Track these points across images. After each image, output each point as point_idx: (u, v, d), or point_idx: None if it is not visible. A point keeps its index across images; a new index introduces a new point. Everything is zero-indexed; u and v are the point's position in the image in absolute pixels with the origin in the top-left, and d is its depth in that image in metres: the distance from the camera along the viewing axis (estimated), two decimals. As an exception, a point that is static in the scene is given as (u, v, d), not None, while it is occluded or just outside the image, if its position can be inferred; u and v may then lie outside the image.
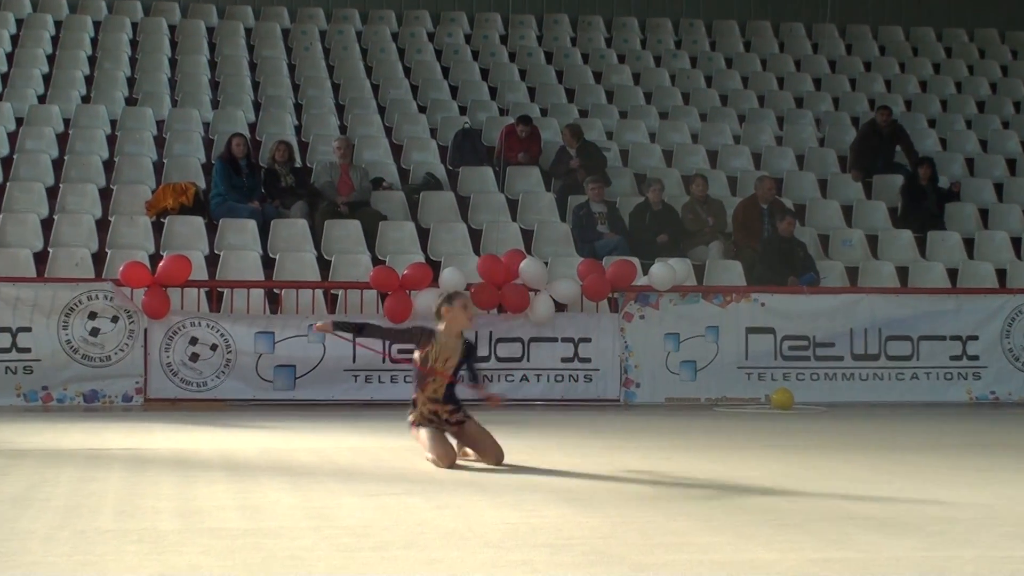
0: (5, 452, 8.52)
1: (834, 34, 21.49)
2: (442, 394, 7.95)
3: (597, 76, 19.61)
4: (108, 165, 15.61)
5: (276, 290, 13.09)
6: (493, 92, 18.75)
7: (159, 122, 16.74)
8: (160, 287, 12.27)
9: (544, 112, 18.09)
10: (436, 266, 13.23)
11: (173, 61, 18.64)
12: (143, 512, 6.04)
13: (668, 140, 17.76)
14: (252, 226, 14.26)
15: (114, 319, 12.23)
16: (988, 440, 9.88)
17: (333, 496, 6.60)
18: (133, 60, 18.57)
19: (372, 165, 15.91)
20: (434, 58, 19.55)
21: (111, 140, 16.25)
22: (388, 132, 17.17)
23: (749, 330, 13.14)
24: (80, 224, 14.23)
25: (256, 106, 17.63)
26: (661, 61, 20.35)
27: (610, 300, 13.17)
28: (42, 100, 17.15)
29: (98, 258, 13.67)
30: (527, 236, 14.89)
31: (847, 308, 13.37)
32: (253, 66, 18.81)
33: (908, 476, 7.58)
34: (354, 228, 14.46)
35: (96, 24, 19.35)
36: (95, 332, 12.19)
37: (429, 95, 18.32)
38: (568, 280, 13.10)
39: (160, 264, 12.55)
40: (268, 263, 13.87)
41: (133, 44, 18.97)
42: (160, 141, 16.30)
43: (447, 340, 7.92)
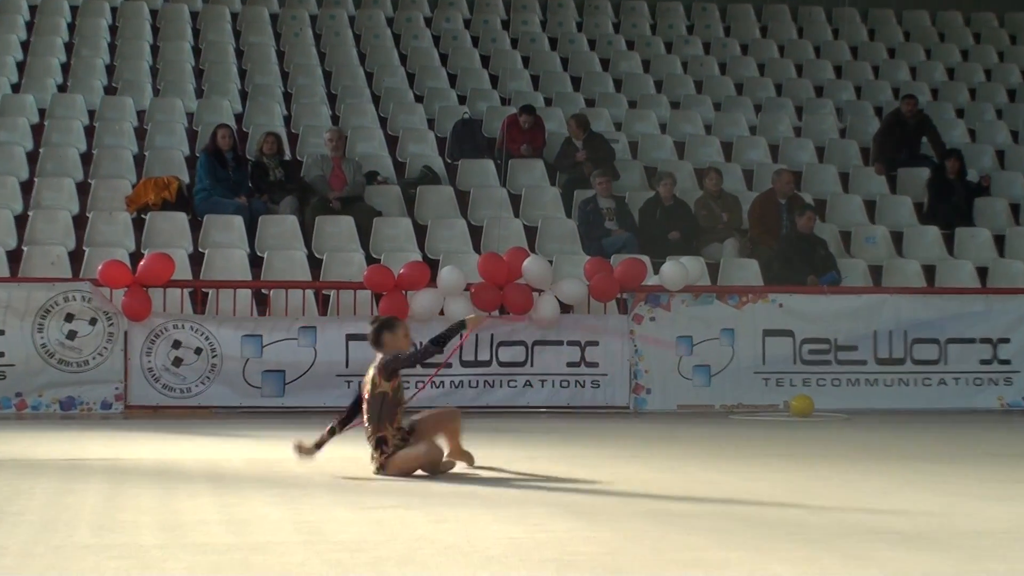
0: (-23, 462, 8.54)
1: (856, 18, 21.49)
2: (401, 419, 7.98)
3: (604, 63, 19.62)
4: (86, 158, 15.63)
5: (264, 290, 13.11)
6: (494, 80, 18.76)
7: (140, 112, 16.75)
8: (141, 287, 12.28)
9: (548, 102, 18.11)
10: (434, 265, 13.24)
11: (155, 48, 18.65)
12: (123, 526, 6.04)
13: (680, 131, 17.77)
14: (239, 223, 14.27)
15: (92, 321, 12.23)
16: (1020, 450, 9.88)
17: (325, 509, 6.60)
18: (112, 46, 18.59)
19: (366, 158, 15.92)
20: (432, 44, 19.56)
21: (89, 132, 16.27)
22: (383, 123, 17.19)
23: (766, 333, 13.14)
24: (56, 221, 14.24)
25: (243, 95, 17.65)
26: (672, 47, 20.37)
27: (619, 301, 13.19)
28: (16, 89, 17.16)
29: (75, 257, 13.68)
30: (530, 233, 14.91)
31: (870, 309, 13.37)
32: (240, 53, 18.83)
33: (935, 488, 7.59)
34: (347, 225, 14.47)
35: (73, 8, 19.35)
36: (72, 335, 12.19)
37: (426, 84, 18.33)
38: (574, 280, 13.11)
39: (141, 263, 12.55)
40: (256, 262, 13.88)
41: (112, 30, 18.99)
42: (141, 133, 16.31)
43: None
